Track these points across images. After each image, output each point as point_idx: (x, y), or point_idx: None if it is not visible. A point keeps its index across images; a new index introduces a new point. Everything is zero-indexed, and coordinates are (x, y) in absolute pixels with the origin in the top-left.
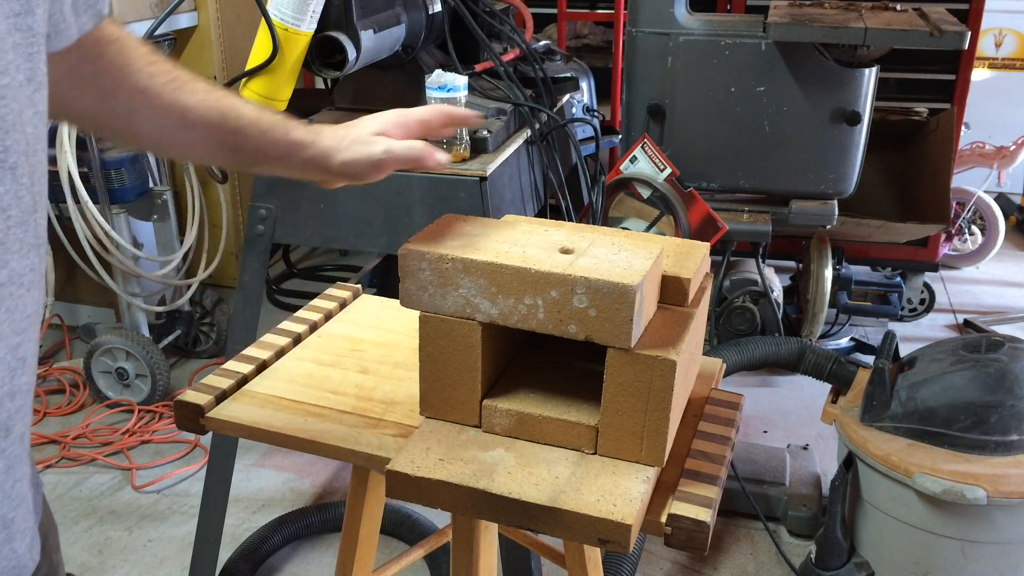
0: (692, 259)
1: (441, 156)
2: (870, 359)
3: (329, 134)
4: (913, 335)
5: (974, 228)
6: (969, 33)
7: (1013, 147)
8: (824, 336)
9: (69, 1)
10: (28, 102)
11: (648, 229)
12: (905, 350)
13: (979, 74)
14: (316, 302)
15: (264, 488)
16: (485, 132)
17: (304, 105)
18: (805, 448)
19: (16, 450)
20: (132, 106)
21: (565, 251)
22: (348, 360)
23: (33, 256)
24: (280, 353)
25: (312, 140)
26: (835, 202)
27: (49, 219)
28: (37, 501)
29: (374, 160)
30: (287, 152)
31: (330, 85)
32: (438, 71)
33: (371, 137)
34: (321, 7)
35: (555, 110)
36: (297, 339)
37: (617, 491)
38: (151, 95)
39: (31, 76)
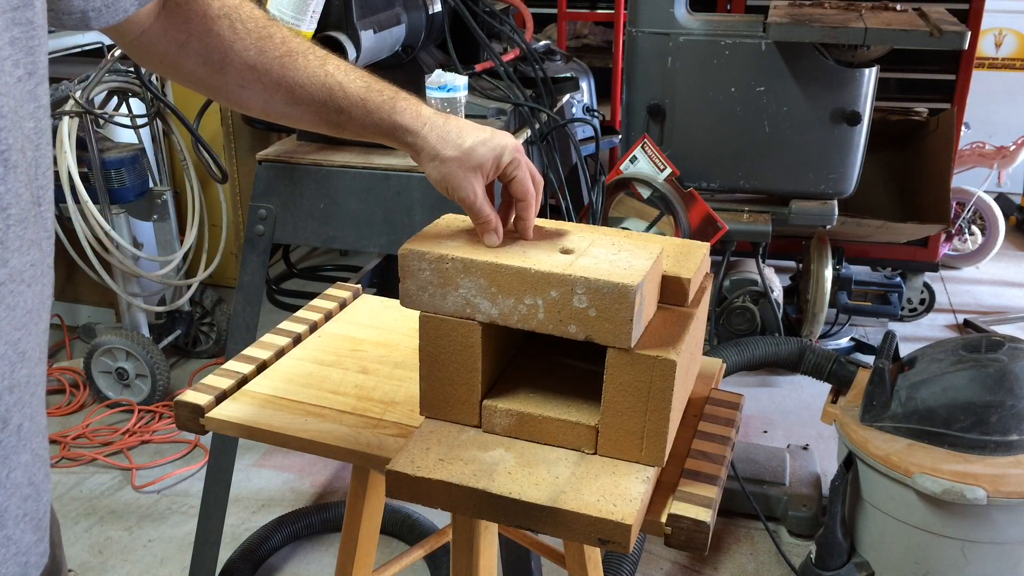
0: (692, 259)
1: (494, 240)
2: (870, 359)
3: (435, 135)
4: (913, 335)
5: (974, 228)
6: (969, 33)
7: (1013, 147)
8: (824, 336)
9: None
10: (28, 96)
11: (648, 229)
12: (905, 350)
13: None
14: (316, 302)
15: (264, 488)
16: None
17: None
18: (805, 448)
19: (12, 440)
20: (241, 81)
21: (565, 251)
22: (348, 360)
23: (35, 252)
24: (280, 353)
25: (416, 130)
26: (835, 202)
27: None
28: (49, 494)
29: (449, 193)
30: (389, 132)
31: None
32: (438, 71)
33: (466, 174)
34: (321, 7)
35: (555, 110)
36: (297, 339)
37: (617, 491)
38: (260, 71)
39: (32, 70)
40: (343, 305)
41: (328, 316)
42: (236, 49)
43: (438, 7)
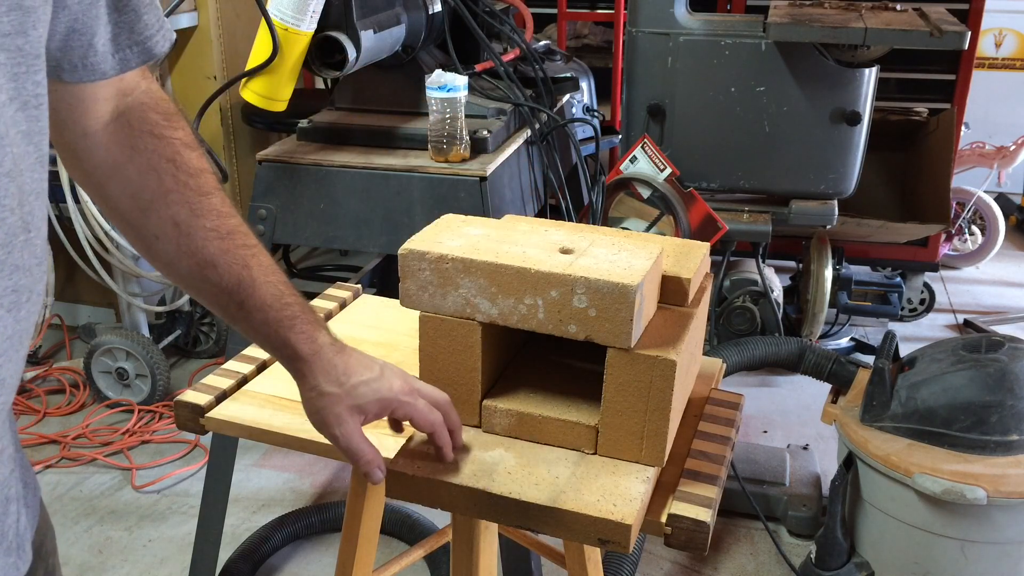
0: (692, 259)
1: (377, 477)
2: (870, 359)
3: (321, 366)
4: (913, 335)
5: (974, 228)
6: (969, 33)
7: (1013, 147)
8: (824, 336)
9: (107, 35)
10: (11, 121)
11: (648, 229)
12: (905, 350)
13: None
14: (316, 302)
15: (264, 488)
16: (485, 132)
17: (304, 105)
18: (805, 448)
19: None
20: (160, 232)
21: (565, 251)
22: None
23: (18, 277)
24: None
25: (304, 356)
26: (835, 202)
27: (49, 219)
28: (21, 514)
29: (320, 428)
30: (279, 349)
31: (330, 85)
32: (438, 71)
33: (342, 412)
34: (321, 7)
35: (555, 110)
36: None
37: (617, 491)
38: (183, 232)
39: (14, 96)
40: (343, 305)
41: (328, 316)
42: (169, 200)
43: (438, 7)
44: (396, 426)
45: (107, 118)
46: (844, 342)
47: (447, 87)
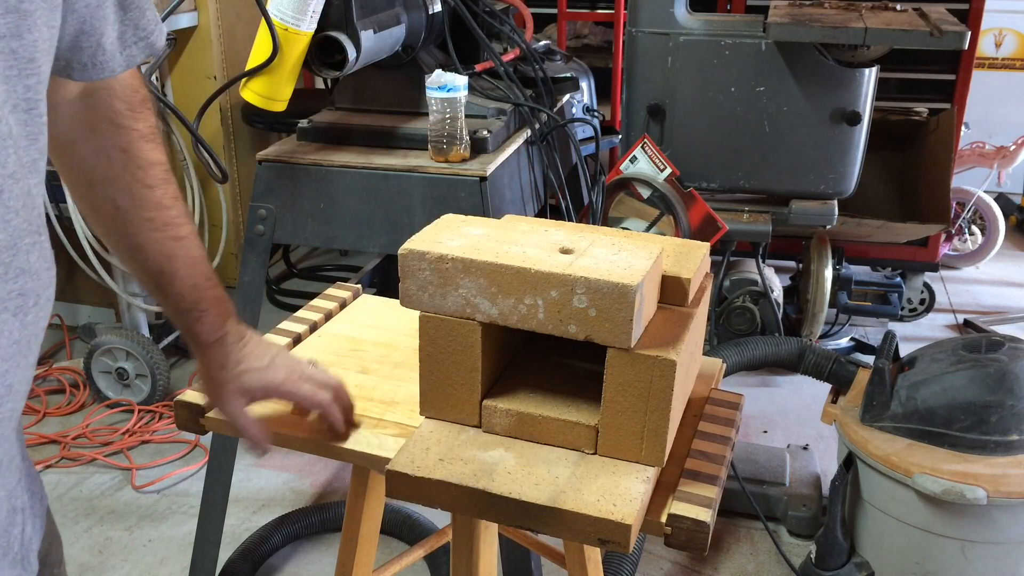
0: (692, 259)
1: (260, 451)
2: (870, 359)
3: (219, 354)
4: (913, 335)
5: (974, 228)
6: (969, 33)
7: (1013, 147)
8: (824, 336)
9: (114, 33)
10: (4, 124)
11: (648, 229)
12: (905, 350)
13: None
14: (316, 302)
15: (264, 488)
16: (485, 132)
17: (304, 105)
18: (805, 448)
19: (4, 479)
20: (101, 208)
21: (565, 251)
22: (348, 360)
23: (24, 280)
24: None
25: (205, 344)
26: (835, 202)
27: (49, 219)
28: (26, 524)
29: (214, 407)
30: (186, 335)
31: (330, 85)
32: (438, 71)
33: (230, 396)
34: (321, 7)
35: (555, 110)
36: (297, 339)
37: (617, 491)
38: (121, 218)
39: (6, 99)
40: (343, 305)
41: (328, 316)
42: (116, 185)
43: (438, 7)
44: (298, 410)
45: (73, 95)
46: (844, 342)
47: (447, 87)
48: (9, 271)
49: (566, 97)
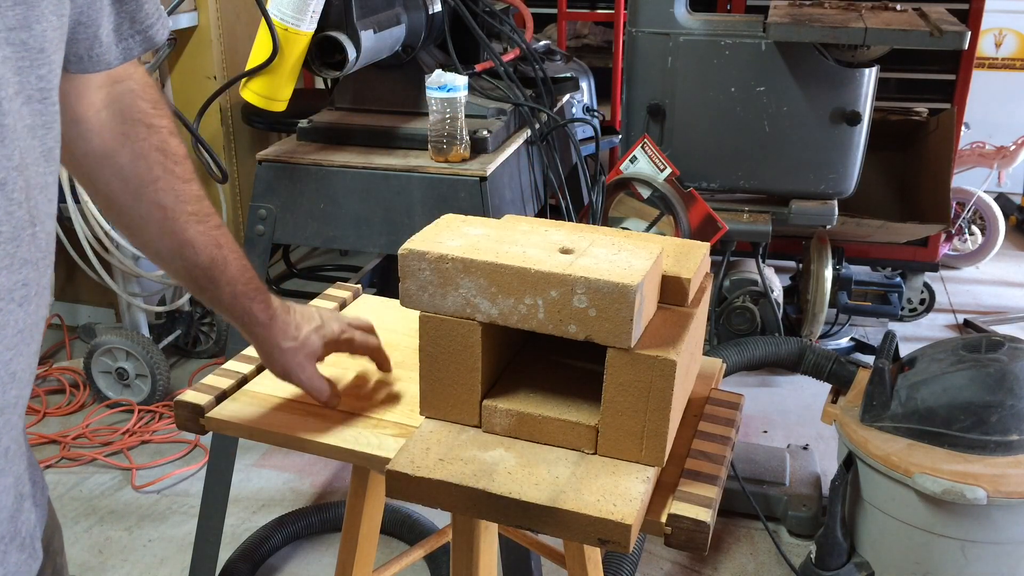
0: (692, 259)
1: (335, 402)
2: (870, 359)
3: (278, 327)
4: (913, 335)
5: (974, 228)
6: (969, 33)
7: (1013, 147)
8: (824, 336)
9: (110, 24)
10: (18, 115)
11: (648, 229)
12: (905, 350)
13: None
14: (316, 302)
15: (264, 488)
16: (485, 132)
17: (304, 105)
18: (805, 448)
19: (1, 464)
20: (148, 215)
21: (565, 251)
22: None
23: (28, 271)
24: None
25: (265, 322)
26: (835, 202)
27: None
28: (34, 511)
29: (286, 376)
30: (240, 317)
31: (330, 85)
32: (438, 71)
33: (301, 361)
34: (321, 7)
35: (555, 110)
36: None
37: (617, 491)
38: (169, 216)
39: (20, 90)
40: (343, 305)
41: None
42: (159, 186)
43: (438, 7)
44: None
45: (99, 105)
46: (844, 342)
47: (447, 87)
48: (14, 262)
49: (566, 97)
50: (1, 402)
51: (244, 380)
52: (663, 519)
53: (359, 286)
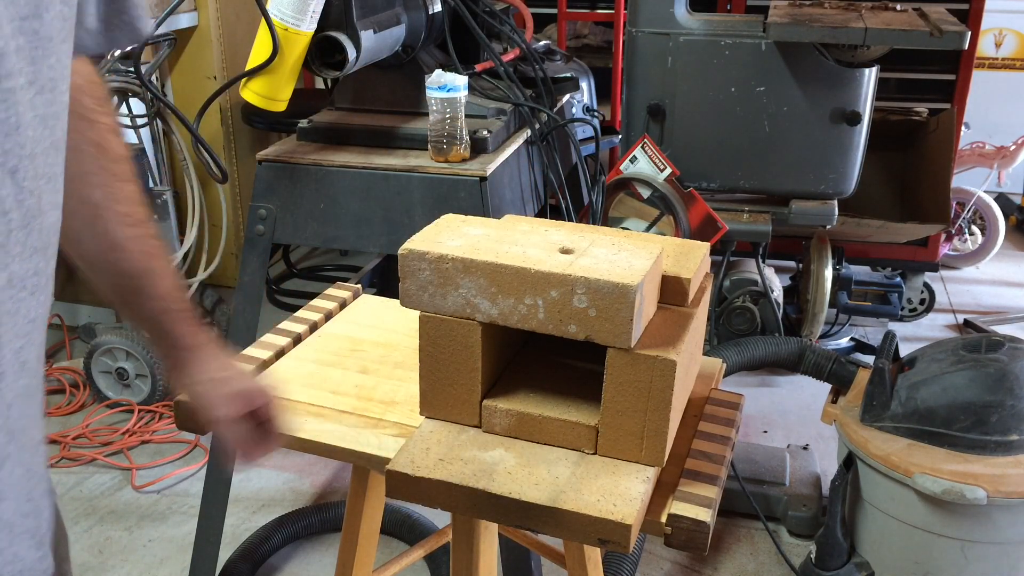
0: (692, 259)
1: (239, 464)
2: (870, 359)
3: (207, 367)
4: (913, 335)
5: (974, 228)
6: (969, 33)
7: (1013, 147)
8: (824, 336)
9: (97, 12)
10: (29, 105)
11: (648, 229)
12: (905, 350)
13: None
14: (316, 302)
15: (264, 488)
16: (485, 132)
17: (304, 105)
18: (805, 448)
19: (18, 454)
20: (75, 209)
21: (565, 251)
22: (348, 360)
23: (37, 259)
24: (280, 353)
25: (194, 352)
26: (835, 202)
27: None
28: (50, 509)
29: (201, 412)
30: (165, 338)
31: (330, 85)
32: (438, 71)
33: (220, 398)
34: (321, 7)
35: (555, 110)
36: (297, 339)
37: (617, 491)
38: (97, 215)
39: (32, 79)
40: (343, 305)
41: (328, 316)
42: (90, 180)
43: (438, 7)
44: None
45: None
46: (844, 342)
47: (447, 87)
48: (25, 250)
49: (566, 97)
50: (13, 390)
51: None
52: (663, 519)
53: (359, 286)
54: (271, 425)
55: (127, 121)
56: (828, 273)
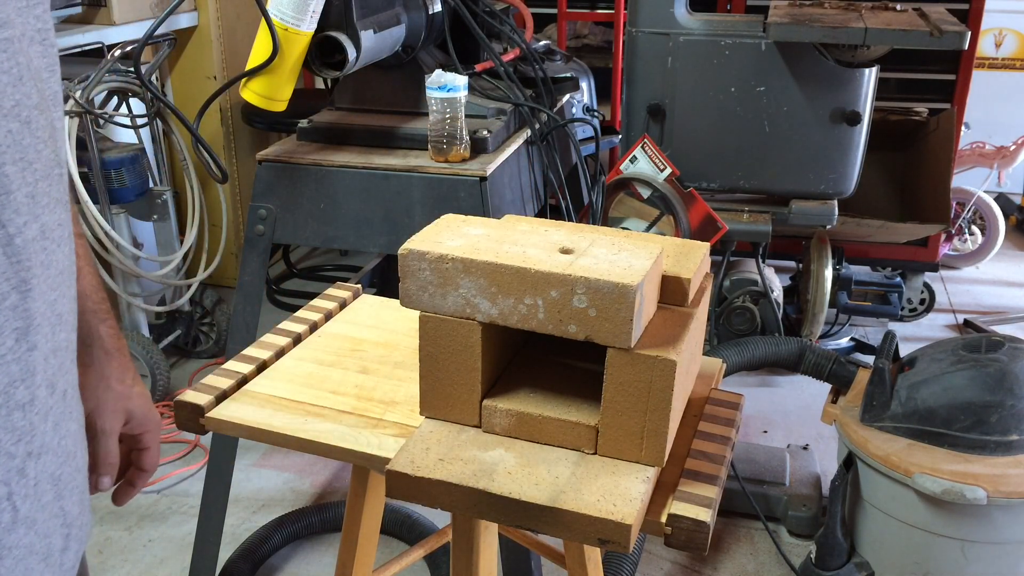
0: (692, 259)
1: (106, 484)
2: (870, 359)
3: (118, 374)
4: (913, 335)
5: (974, 228)
6: (969, 33)
7: (1013, 147)
8: (824, 336)
9: None
10: (27, 56)
11: (648, 229)
12: (905, 350)
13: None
14: (316, 302)
15: (264, 488)
16: (485, 132)
17: (304, 105)
18: (805, 448)
19: (60, 407)
20: None
21: (565, 251)
22: (348, 360)
23: (60, 211)
24: (280, 353)
25: (111, 355)
26: (835, 202)
27: None
28: (84, 468)
29: (94, 417)
30: (84, 336)
31: (330, 85)
32: (438, 71)
33: (116, 411)
34: (321, 7)
35: (555, 110)
36: (297, 339)
37: (617, 491)
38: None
39: (23, 31)
40: (343, 305)
41: (328, 316)
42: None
43: (438, 7)
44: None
45: None
46: (844, 342)
47: (447, 87)
48: (50, 201)
49: (566, 97)
50: (53, 343)
51: (244, 380)
52: (663, 519)
53: (359, 286)
54: (144, 456)
55: (127, 121)
56: (828, 273)
